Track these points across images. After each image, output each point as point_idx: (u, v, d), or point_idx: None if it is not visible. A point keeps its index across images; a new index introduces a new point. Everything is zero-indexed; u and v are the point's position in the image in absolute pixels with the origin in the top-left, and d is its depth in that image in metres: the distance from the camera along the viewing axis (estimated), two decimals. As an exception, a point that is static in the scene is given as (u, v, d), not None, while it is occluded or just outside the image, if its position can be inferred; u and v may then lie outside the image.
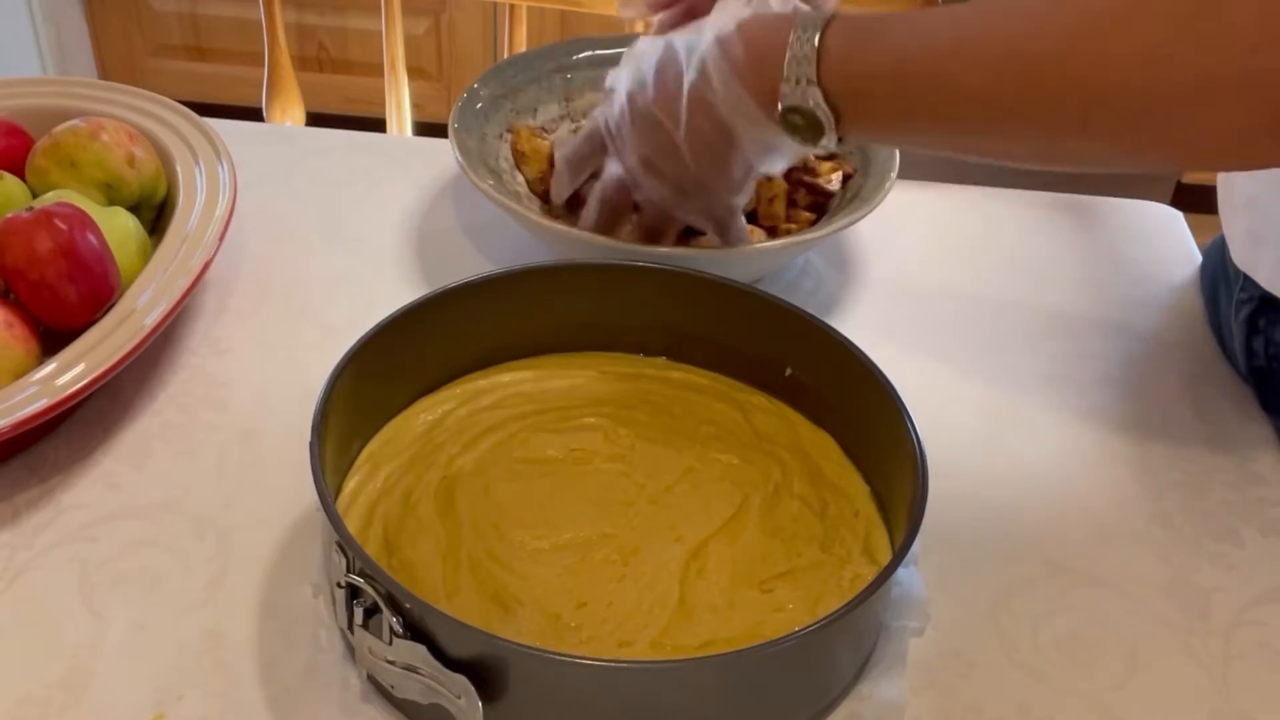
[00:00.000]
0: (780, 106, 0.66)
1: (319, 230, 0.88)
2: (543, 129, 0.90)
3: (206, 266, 0.73)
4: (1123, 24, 0.54)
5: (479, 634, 0.52)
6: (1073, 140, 0.59)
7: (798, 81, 0.64)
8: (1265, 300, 0.75)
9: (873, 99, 0.64)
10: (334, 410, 0.61)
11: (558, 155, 0.82)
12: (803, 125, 0.66)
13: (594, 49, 0.94)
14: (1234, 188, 0.79)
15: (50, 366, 0.65)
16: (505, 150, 0.87)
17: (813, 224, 0.83)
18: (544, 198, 0.86)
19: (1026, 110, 0.58)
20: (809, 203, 0.85)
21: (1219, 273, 0.82)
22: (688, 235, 0.81)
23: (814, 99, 0.64)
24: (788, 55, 0.64)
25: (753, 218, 0.83)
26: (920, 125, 0.64)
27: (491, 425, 0.69)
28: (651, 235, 0.78)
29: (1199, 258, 0.91)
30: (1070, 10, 0.56)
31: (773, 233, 0.83)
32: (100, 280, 0.70)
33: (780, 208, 0.83)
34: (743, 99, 0.68)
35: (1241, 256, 0.77)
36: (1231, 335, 0.80)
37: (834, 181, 0.85)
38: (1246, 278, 0.77)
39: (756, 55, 0.66)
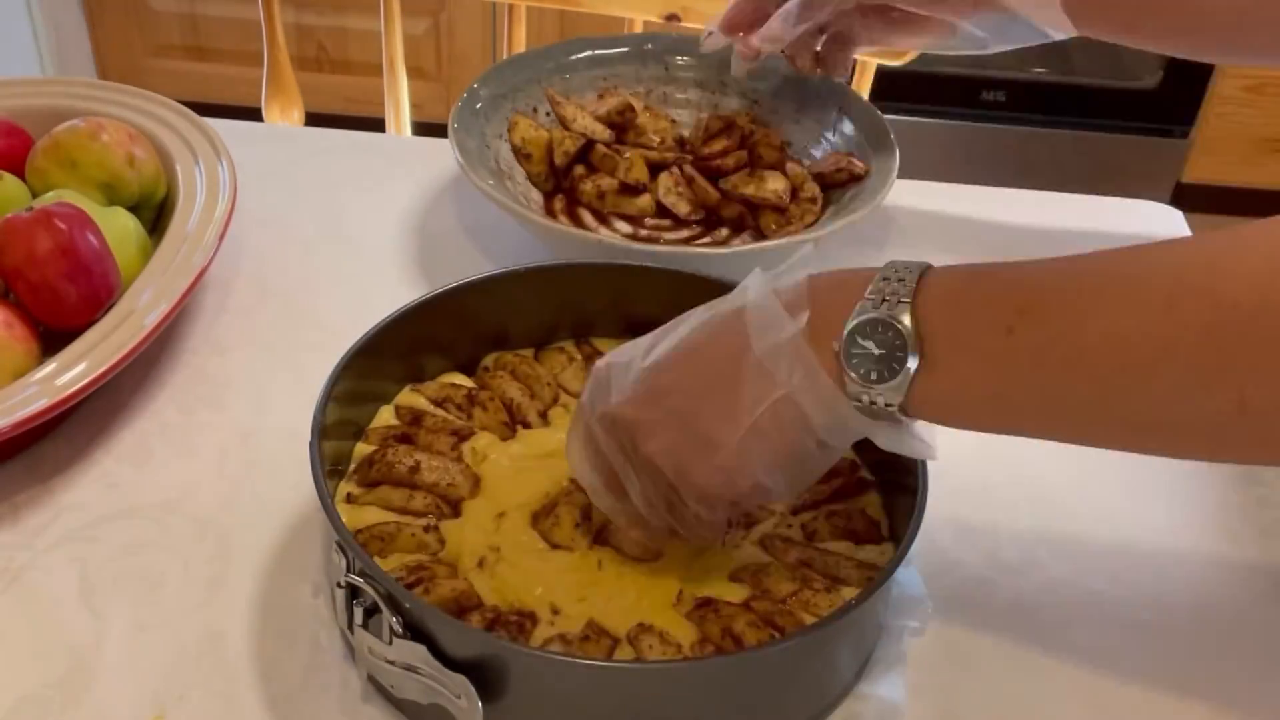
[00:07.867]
0: (849, 325, 0.52)
1: (319, 230, 0.88)
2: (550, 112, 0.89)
3: (206, 266, 0.73)
4: None
5: (479, 634, 0.53)
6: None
7: (884, 300, 0.51)
8: None
9: (982, 340, 0.51)
10: (334, 410, 0.61)
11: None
12: (871, 357, 0.51)
13: (594, 49, 0.94)
14: None
15: (50, 366, 0.65)
16: (505, 150, 0.87)
17: (813, 223, 0.83)
18: (548, 192, 0.87)
19: (1217, 360, 0.46)
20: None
21: None
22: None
23: (901, 318, 0.51)
24: (874, 281, 0.52)
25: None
26: (1047, 382, 0.50)
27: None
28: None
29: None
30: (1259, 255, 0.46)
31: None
32: (100, 280, 0.70)
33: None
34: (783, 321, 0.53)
35: None
36: None
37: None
38: None
39: (828, 284, 0.54)
